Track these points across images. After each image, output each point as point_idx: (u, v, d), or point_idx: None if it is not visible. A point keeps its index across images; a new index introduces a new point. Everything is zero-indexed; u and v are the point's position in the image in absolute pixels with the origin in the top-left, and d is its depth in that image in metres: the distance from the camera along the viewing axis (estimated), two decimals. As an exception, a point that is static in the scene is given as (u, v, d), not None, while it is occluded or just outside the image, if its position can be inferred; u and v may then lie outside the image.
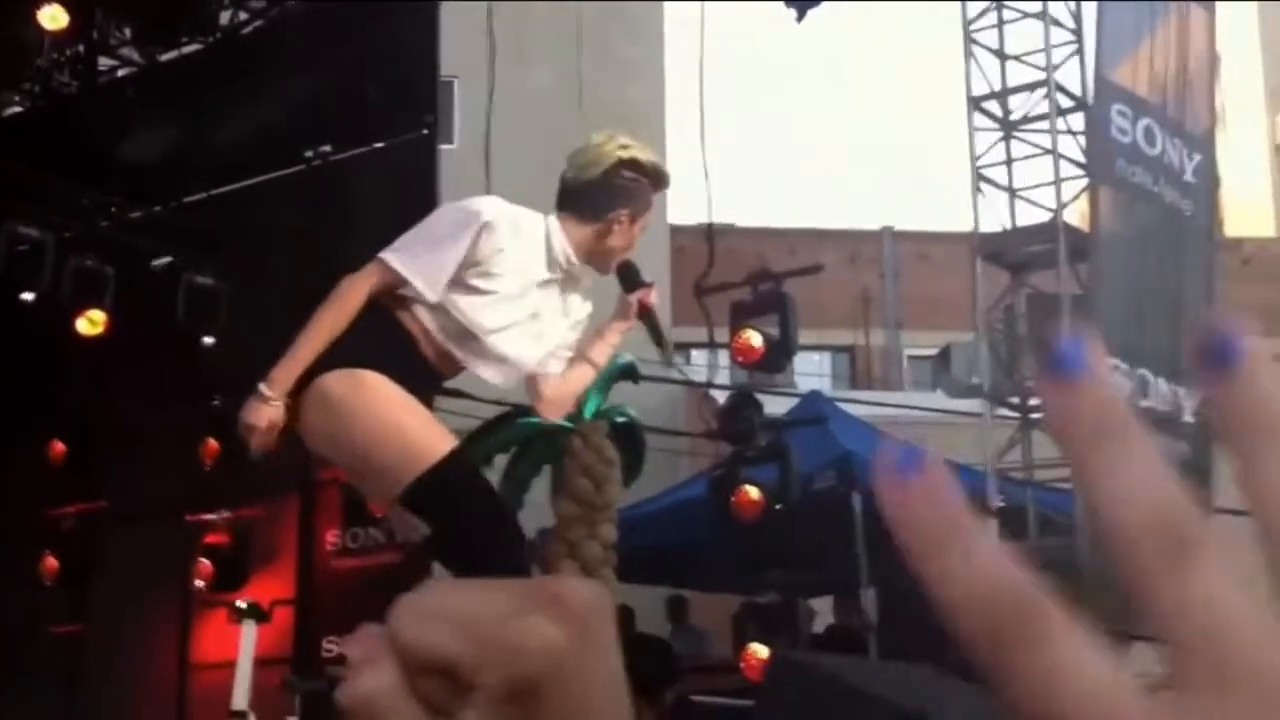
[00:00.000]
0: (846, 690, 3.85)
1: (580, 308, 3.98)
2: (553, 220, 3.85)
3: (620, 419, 11.34)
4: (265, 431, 3.53)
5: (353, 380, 3.53)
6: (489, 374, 3.76)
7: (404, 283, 3.66)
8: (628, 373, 12.72)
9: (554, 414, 4.00)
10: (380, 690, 0.44)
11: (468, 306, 3.69)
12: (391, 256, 3.66)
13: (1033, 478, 10.20)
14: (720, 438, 9.55)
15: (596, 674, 0.45)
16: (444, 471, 3.47)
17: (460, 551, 3.52)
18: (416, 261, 3.66)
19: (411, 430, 3.52)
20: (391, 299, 3.71)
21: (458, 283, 3.66)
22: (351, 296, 3.60)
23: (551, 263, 3.81)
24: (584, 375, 3.93)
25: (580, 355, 3.92)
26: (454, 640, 0.44)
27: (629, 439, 11.48)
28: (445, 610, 0.45)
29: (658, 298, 4.02)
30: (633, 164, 3.89)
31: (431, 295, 3.64)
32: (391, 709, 0.44)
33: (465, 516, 3.56)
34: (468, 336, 3.71)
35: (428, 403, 3.77)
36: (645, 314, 3.95)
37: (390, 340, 3.70)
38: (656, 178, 3.96)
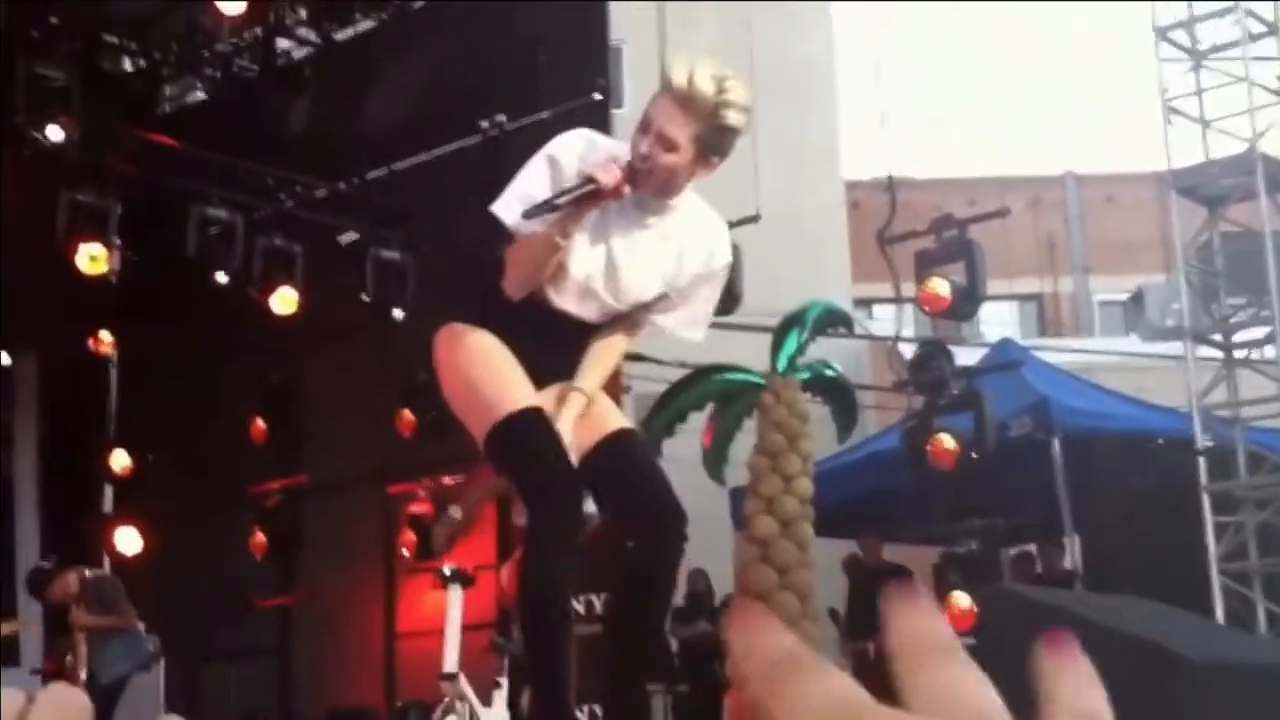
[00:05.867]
0: (1074, 621, 3.70)
1: (684, 250, 3.55)
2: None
3: (830, 373, 11.17)
4: None
5: (450, 336, 3.57)
6: (569, 303, 3.55)
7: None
8: (838, 320, 12.36)
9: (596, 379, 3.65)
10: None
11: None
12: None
13: (1239, 415, 9.83)
14: (912, 389, 9.37)
15: None
16: (503, 429, 3.44)
17: (527, 504, 3.56)
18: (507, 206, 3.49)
19: (483, 386, 3.51)
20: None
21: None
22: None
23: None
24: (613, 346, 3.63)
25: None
26: None
27: (838, 393, 11.36)
28: None
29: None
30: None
31: (509, 218, 3.44)
32: None
33: (520, 474, 3.57)
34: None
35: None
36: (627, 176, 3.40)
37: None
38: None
